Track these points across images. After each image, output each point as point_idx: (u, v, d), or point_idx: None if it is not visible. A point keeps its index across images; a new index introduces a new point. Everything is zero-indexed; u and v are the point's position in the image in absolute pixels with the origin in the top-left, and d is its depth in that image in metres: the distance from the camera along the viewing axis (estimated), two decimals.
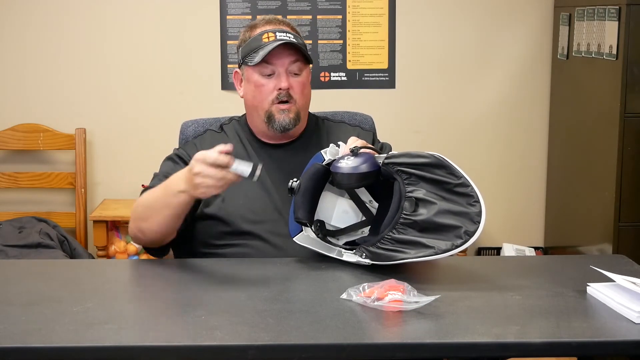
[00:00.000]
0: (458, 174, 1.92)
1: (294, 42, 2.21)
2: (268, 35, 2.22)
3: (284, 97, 2.22)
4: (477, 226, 1.87)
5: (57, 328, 1.62)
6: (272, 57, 2.21)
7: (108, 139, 4.07)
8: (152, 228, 2.12)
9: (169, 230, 2.13)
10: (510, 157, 4.19)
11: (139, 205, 2.17)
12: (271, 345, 1.56)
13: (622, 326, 1.64)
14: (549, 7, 4.06)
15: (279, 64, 2.22)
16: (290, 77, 2.24)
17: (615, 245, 3.37)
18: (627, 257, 2.11)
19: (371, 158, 2.01)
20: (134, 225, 2.17)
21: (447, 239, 1.87)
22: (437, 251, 1.87)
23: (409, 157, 1.96)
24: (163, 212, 2.08)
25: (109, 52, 4.03)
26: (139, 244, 2.22)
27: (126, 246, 3.88)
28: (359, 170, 1.98)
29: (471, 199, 1.90)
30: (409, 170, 1.95)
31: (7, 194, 4.07)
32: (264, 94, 2.23)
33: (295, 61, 2.23)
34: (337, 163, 2.01)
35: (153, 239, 2.16)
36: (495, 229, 4.17)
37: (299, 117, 2.25)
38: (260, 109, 2.25)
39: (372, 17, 4.06)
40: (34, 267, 2.20)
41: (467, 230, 1.87)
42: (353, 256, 2.01)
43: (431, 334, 1.62)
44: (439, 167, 1.93)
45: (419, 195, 1.92)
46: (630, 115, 3.31)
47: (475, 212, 1.88)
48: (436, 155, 1.94)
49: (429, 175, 1.93)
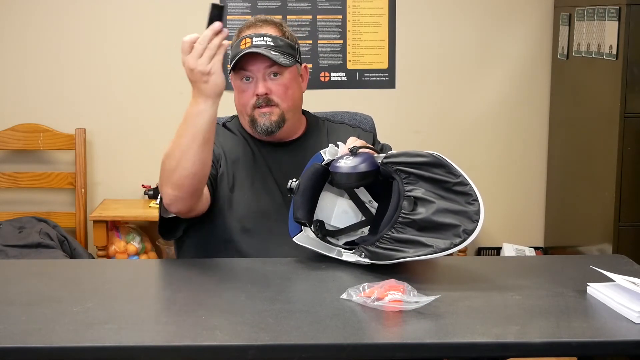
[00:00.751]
0: (456, 173, 1.92)
1: (260, 52, 2.18)
2: (245, 42, 2.22)
3: (262, 103, 2.22)
4: (476, 225, 1.87)
5: (57, 328, 1.62)
6: (247, 64, 2.21)
7: (108, 139, 4.07)
8: (187, 170, 2.04)
9: (204, 167, 2.06)
10: (510, 157, 4.19)
11: (166, 157, 2.09)
12: (271, 345, 1.56)
13: (622, 326, 1.64)
14: (549, 7, 4.06)
15: (255, 70, 2.22)
16: (269, 80, 2.22)
17: (615, 245, 3.37)
18: (627, 257, 2.11)
19: (370, 158, 2.01)
20: (168, 183, 2.08)
21: (446, 237, 1.88)
22: (436, 250, 1.87)
23: (408, 156, 1.96)
24: (192, 143, 2.03)
25: (109, 52, 4.03)
26: (177, 209, 2.12)
27: (126, 246, 3.88)
28: (357, 170, 1.99)
29: (469, 197, 1.90)
30: (407, 169, 1.95)
31: (7, 194, 4.07)
32: (245, 99, 2.24)
33: (270, 66, 2.22)
34: (336, 163, 2.01)
35: (190, 188, 2.07)
36: (495, 229, 4.17)
37: (283, 119, 2.24)
38: (244, 114, 2.27)
39: (372, 17, 4.06)
40: (34, 267, 2.19)
41: (465, 229, 1.87)
42: (352, 256, 2.01)
43: (431, 334, 1.62)
44: (437, 166, 1.93)
45: (417, 194, 1.92)
46: (630, 115, 3.31)
47: (473, 211, 1.88)
48: (434, 154, 1.95)
49: (427, 174, 1.93)
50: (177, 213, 2.15)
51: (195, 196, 2.12)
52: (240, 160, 2.28)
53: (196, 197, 2.13)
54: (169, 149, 2.09)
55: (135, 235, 3.92)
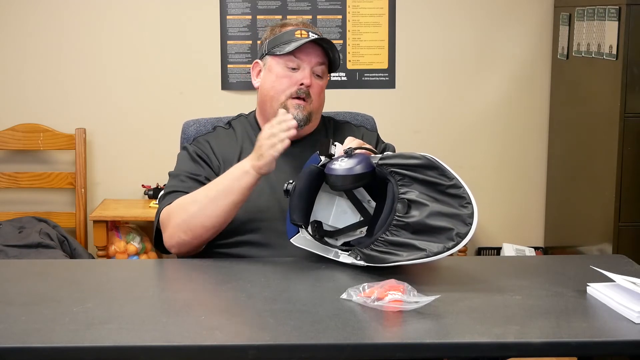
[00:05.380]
0: (450, 176, 1.92)
1: (327, 40, 2.25)
2: (301, 32, 2.26)
3: (303, 94, 2.24)
4: (469, 228, 1.87)
5: (57, 328, 1.62)
6: (301, 53, 2.24)
7: (108, 139, 4.07)
8: (207, 220, 2.09)
9: (223, 224, 2.12)
10: (510, 157, 4.19)
11: (191, 201, 2.13)
12: (271, 345, 1.56)
13: (622, 326, 1.64)
14: (549, 7, 4.06)
15: (307, 61, 2.25)
16: (313, 77, 2.26)
17: (615, 245, 3.37)
18: (627, 257, 2.11)
19: (365, 159, 2.00)
20: (182, 226, 2.12)
21: (439, 241, 1.87)
22: (429, 254, 1.87)
23: (402, 158, 1.96)
24: (223, 201, 2.08)
25: (109, 52, 4.03)
26: (178, 250, 2.18)
27: (126, 246, 3.88)
28: (353, 172, 1.98)
29: (463, 200, 1.89)
30: (401, 171, 1.94)
31: (7, 194, 4.07)
32: (284, 86, 2.25)
33: (321, 63, 2.27)
34: (331, 165, 2.01)
35: (201, 238, 2.13)
36: (495, 229, 4.16)
37: (310, 117, 2.26)
38: (275, 100, 2.26)
39: (372, 17, 4.06)
40: (34, 267, 2.19)
41: (458, 232, 1.87)
42: (349, 258, 2.01)
43: (431, 334, 1.62)
44: (430, 168, 1.93)
45: (411, 196, 1.92)
46: (630, 115, 3.31)
47: (467, 214, 1.88)
48: (427, 157, 1.94)
49: (421, 176, 1.93)
50: (175, 253, 2.20)
51: (201, 245, 2.17)
52: None
53: (200, 245, 2.17)
54: (196, 194, 2.13)
55: (135, 235, 3.92)
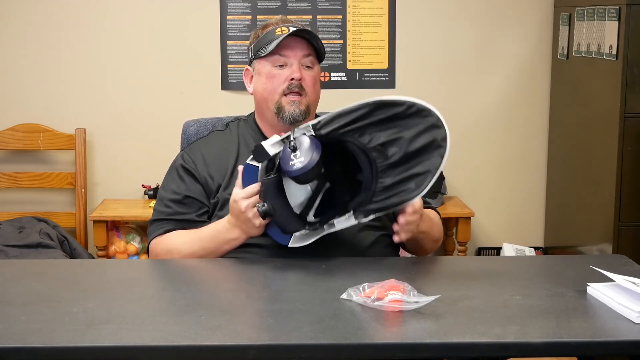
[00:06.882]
0: (400, 102, 1.95)
1: (308, 30, 2.24)
2: (281, 29, 2.23)
3: (295, 88, 2.22)
4: (444, 129, 1.95)
5: (57, 328, 1.62)
6: (285, 49, 2.22)
7: (108, 139, 4.07)
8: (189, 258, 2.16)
9: None
10: (510, 157, 4.19)
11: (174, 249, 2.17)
12: (271, 345, 1.56)
13: (622, 326, 1.64)
14: (549, 7, 4.06)
15: (292, 55, 2.23)
16: (303, 69, 2.25)
17: (615, 245, 3.37)
18: (627, 257, 2.11)
19: (310, 141, 1.96)
20: (161, 255, 2.20)
21: (432, 156, 1.93)
22: (433, 171, 1.92)
23: (343, 116, 1.97)
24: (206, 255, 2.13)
25: (109, 52, 4.03)
26: None
27: (126, 246, 3.88)
28: (313, 161, 1.93)
29: (424, 111, 1.95)
30: (352, 127, 1.95)
31: (7, 194, 4.07)
32: (275, 84, 2.23)
33: (307, 55, 2.25)
34: (288, 167, 1.96)
35: None
36: (495, 229, 4.16)
37: (308, 110, 2.25)
38: (270, 101, 2.24)
39: (372, 17, 4.06)
40: (34, 267, 2.19)
41: (439, 137, 1.94)
42: (347, 220, 1.99)
43: (431, 334, 1.62)
44: (378, 107, 1.95)
45: (380, 140, 1.93)
46: (630, 115, 3.31)
47: (434, 120, 1.95)
48: (369, 102, 1.95)
49: (375, 119, 1.95)
50: None
51: None
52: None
53: None
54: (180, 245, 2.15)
55: (135, 235, 3.92)
